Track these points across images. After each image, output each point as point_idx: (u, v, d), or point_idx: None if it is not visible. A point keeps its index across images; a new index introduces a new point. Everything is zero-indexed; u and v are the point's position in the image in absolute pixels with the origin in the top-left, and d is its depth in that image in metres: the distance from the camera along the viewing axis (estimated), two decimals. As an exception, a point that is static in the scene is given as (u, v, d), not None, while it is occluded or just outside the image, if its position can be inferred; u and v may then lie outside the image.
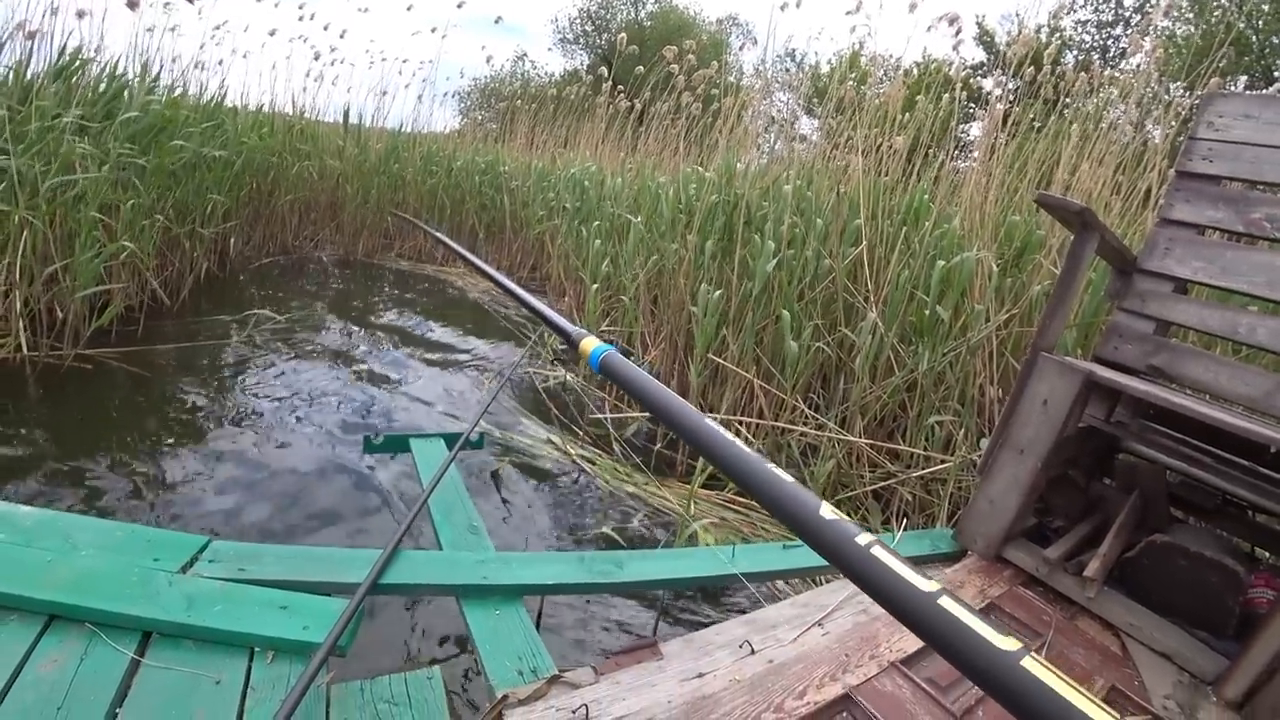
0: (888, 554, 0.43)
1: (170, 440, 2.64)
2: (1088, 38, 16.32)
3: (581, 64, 22.21)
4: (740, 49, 20.56)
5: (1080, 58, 14.69)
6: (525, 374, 3.67)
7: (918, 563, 1.77)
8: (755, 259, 3.03)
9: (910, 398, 2.88)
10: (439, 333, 4.61)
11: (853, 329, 3.00)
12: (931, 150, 3.64)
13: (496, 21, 7.81)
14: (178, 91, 4.79)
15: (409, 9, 7.12)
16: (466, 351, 4.25)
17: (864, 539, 0.43)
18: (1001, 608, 1.64)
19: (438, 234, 2.67)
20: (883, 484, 2.72)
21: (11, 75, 3.57)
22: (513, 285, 1.13)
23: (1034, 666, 0.38)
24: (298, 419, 2.95)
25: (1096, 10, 16.20)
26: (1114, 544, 1.71)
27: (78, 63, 3.85)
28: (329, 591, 1.22)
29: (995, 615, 1.62)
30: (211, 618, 1.11)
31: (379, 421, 3.06)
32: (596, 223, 4.36)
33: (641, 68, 5.72)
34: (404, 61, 7.30)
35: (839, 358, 3.06)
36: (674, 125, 5.55)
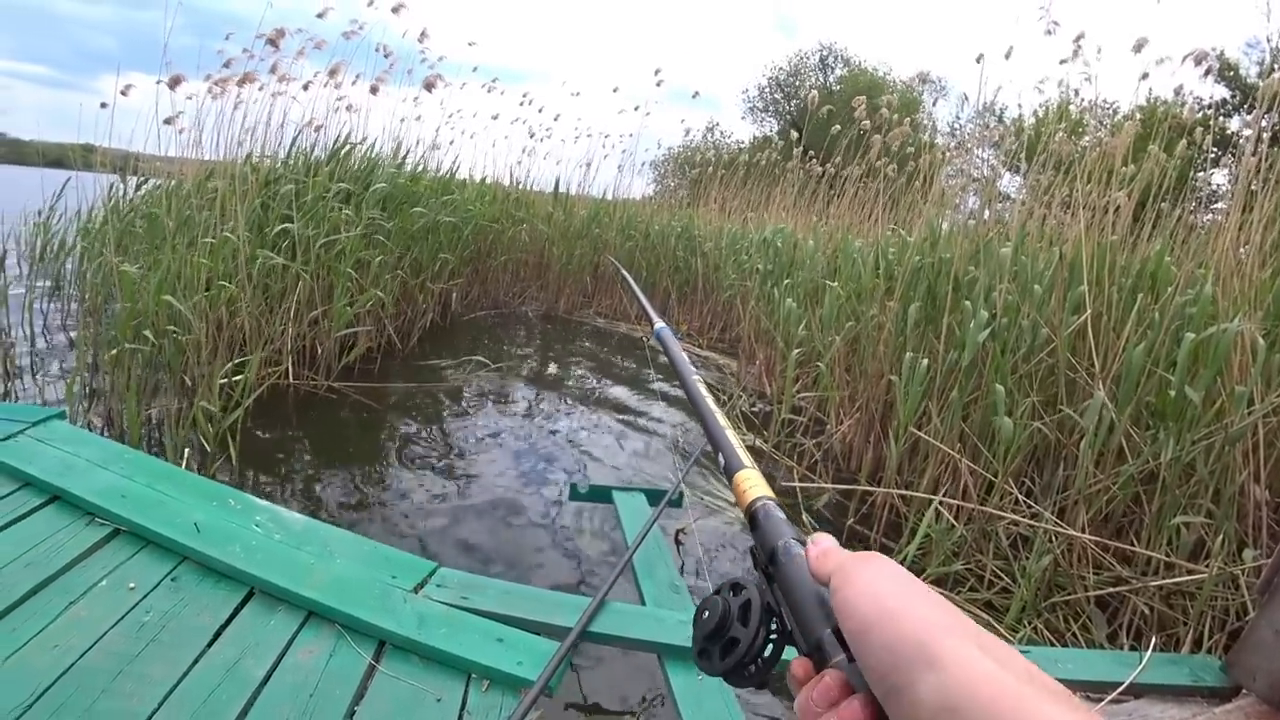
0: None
1: (394, 466, 2.97)
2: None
3: (771, 130, 22.63)
4: (934, 103, 19.81)
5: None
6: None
7: (1176, 693, 1.50)
8: (963, 327, 2.83)
9: (1147, 492, 2.48)
10: (633, 385, 4.81)
11: (1074, 407, 2.67)
12: (1165, 204, 3.22)
13: (694, 96, 8.37)
14: (420, 168, 5.60)
15: (615, 90, 7.82)
16: (658, 405, 4.37)
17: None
18: (1293, 767, 1.33)
19: (616, 263, 2.88)
20: (1110, 590, 2.35)
21: (301, 159, 4.39)
22: (631, 280, 1.37)
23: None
24: (504, 457, 3.20)
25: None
26: None
27: (347, 147, 4.64)
28: (539, 630, 1.28)
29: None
30: (438, 639, 1.21)
31: (574, 465, 3.23)
32: (788, 280, 4.34)
33: (838, 126, 5.71)
34: (606, 136, 7.95)
35: (1058, 439, 2.73)
36: (866, 188, 5.44)
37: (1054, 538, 2.45)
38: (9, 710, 0.97)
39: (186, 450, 2.51)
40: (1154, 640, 1.75)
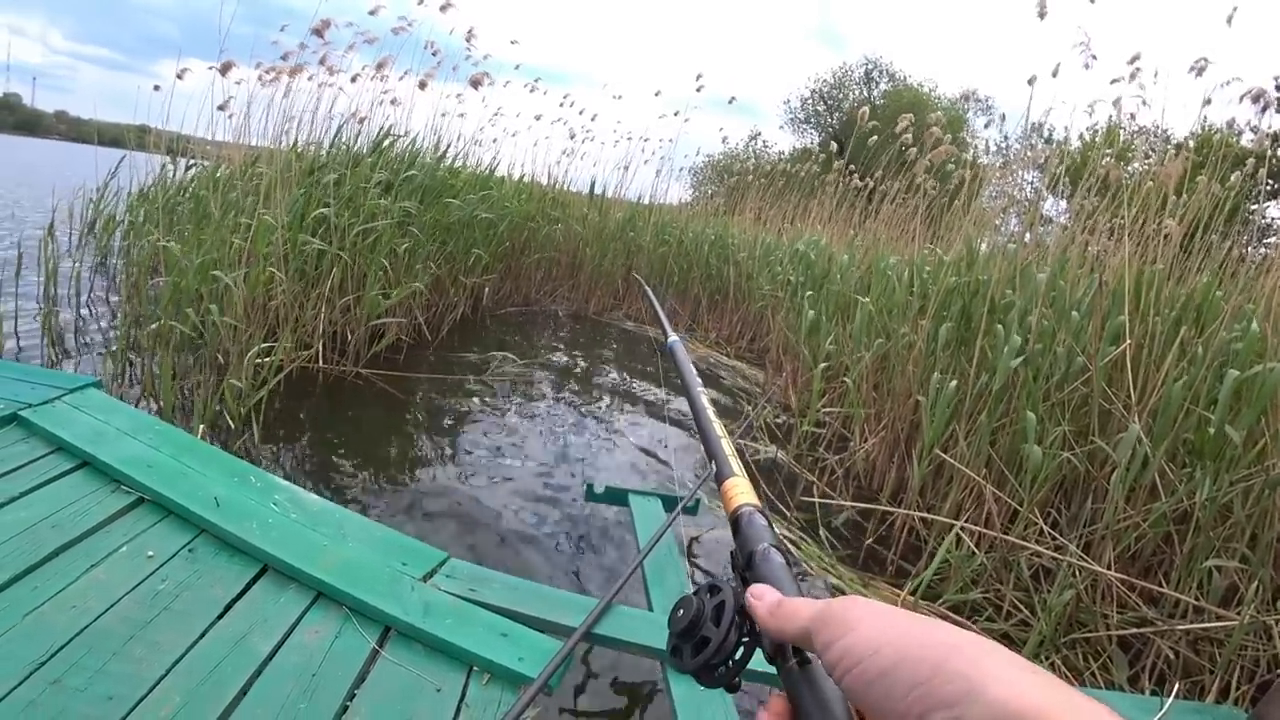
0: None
1: (415, 456, 3.00)
2: None
3: (811, 142, 22.52)
4: (985, 126, 19.52)
5: None
6: (736, 444, 3.66)
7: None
8: (996, 351, 2.77)
9: (1179, 531, 2.40)
10: (657, 390, 4.80)
11: (1107, 439, 2.60)
12: (1215, 235, 3.13)
13: (730, 102, 8.32)
14: (459, 164, 5.67)
15: (657, 94, 7.86)
16: (680, 410, 4.37)
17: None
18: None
19: (639, 278, 2.91)
20: (1135, 630, 2.27)
21: (343, 149, 4.47)
22: (651, 295, 1.46)
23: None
24: (523, 453, 3.22)
25: None
26: None
27: (389, 139, 4.72)
28: (544, 628, 1.28)
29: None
30: (443, 629, 1.22)
31: (592, 467, 3.23)
32: (810, 292, 4.30)
33: (877, 137, 5.66)
34: (645, 140, 7.97)
35: (1087, 471, 2.65)
36: (905, 204, 5.37)
37: (1078, 572, 2.38)
38: (25, 664, 0.99)
39: (211, 425, 2.57)
40: (1177, 686, 1.69)
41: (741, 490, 0.46)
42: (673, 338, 0.90)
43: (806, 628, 0.31)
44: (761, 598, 0.34)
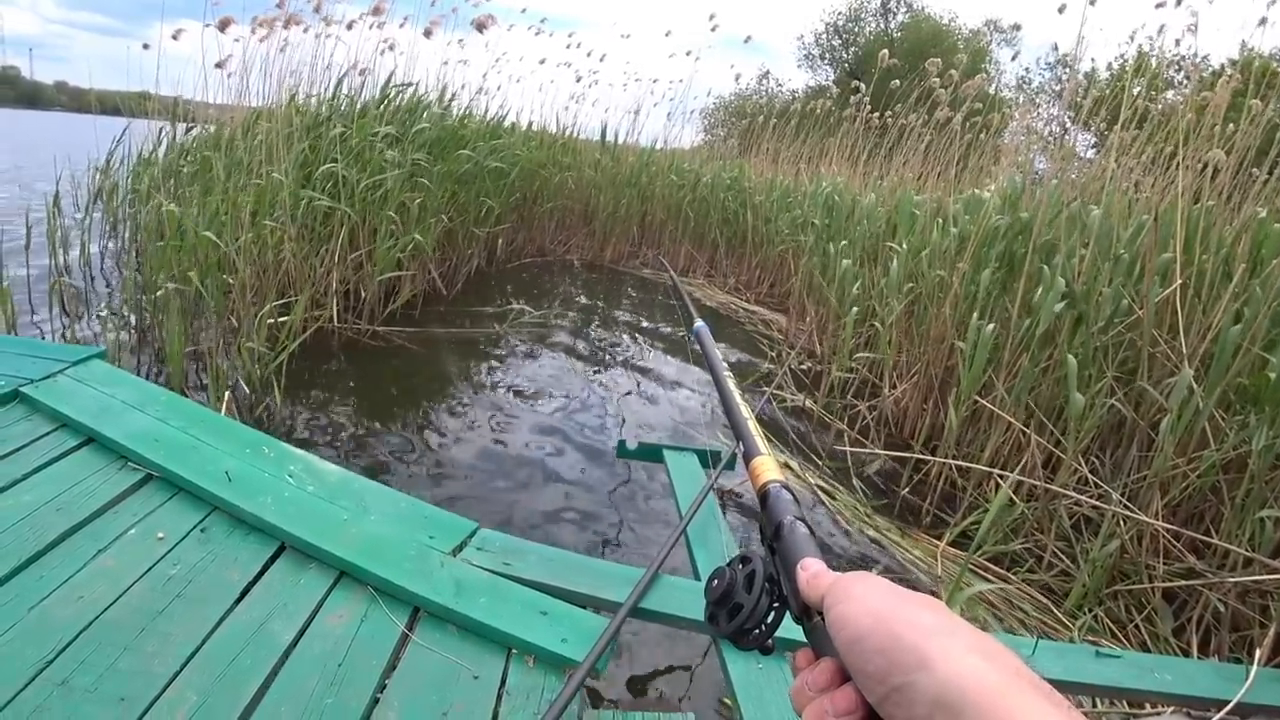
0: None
1: (435, 416, 2.93)
2: None
3: (827, 79, 21.69)
4: (1013, 58, 18.62)
5: None
6: (764, 393, 3.58)
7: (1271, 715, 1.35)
8: (1042, 293, 2.63)
9: (1228, 480, 2.29)
10: (678, 338, 4.69)
11: (1153, 384, 2.47)
12: (1257, 169, 2.96)
13: (746, 41, 7.98)
14: (467, 112, 5.46)
15: (667, 34, 7.52)
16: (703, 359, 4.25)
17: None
18: None
19: (665, 262, 2.82)
20: (1181, 583, 2.18)
21: (347, 103, 4.29)
22: (677, 279, 1.54)
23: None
24: (548, 409, 3.14)
25: None
26: None
27: (393, 89, 4.52)
28: (584, 604, 1.19)
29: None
30: (476, 609, 1.13)
31: (620, 421, 3.15)
32: (844, 242, 4.14)
33: (899, 81, 5.38)
34: (655, 82, 7.67)
35: (1132, 418, 2.53)
36: (925, 140, 5.12)
37: (1123, 522, 2.29)
38: (30, 664, 0.92)
39: (228, 394, 2.49)
40: (1258, 654, 1.60)
41: (769, 467, 0.48)
42: (699, 324, 0.94)
43: (825, 594, 0.35)
44: (807, 569, 0.38)
